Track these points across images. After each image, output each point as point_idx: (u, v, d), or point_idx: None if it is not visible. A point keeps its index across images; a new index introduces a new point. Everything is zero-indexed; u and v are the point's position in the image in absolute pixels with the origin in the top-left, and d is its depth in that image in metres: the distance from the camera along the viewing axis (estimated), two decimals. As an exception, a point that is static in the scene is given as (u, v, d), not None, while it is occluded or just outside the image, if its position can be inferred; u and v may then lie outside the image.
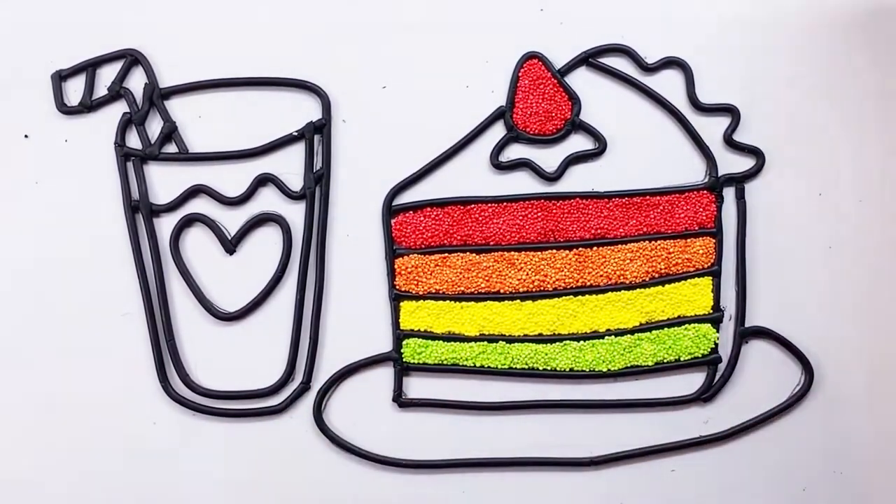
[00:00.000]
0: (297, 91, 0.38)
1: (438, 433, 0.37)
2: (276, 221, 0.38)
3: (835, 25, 0.38)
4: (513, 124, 0.38)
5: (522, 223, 0.38)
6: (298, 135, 0.38)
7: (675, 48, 0.38)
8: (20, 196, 0.38)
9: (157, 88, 0.38)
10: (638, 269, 0.37)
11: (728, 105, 0.38)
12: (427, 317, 0.37)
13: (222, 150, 0.38)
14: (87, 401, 0.38)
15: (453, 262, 0.38)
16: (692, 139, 0.38)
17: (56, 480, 0.38)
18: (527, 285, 0.37)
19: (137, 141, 0.38)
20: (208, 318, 0.38)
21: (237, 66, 0.38)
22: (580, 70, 0.38)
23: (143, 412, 0.38)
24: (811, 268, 0.38)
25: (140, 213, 0.38)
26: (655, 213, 0.38)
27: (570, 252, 0.37)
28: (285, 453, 0.38)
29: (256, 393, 0.37)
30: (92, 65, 0.38)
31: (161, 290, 0.38)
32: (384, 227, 0.38)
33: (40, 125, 0.38)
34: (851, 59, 0.38)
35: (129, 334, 0.38)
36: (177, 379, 0.37)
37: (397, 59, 0.38)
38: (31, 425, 0.38)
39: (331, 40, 0.38)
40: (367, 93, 0.38)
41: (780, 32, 0.38)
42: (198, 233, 0.38)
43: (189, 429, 0.38)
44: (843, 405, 0.37)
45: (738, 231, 0.38)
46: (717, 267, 0.37)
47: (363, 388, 0.38)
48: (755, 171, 0.38)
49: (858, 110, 0.38)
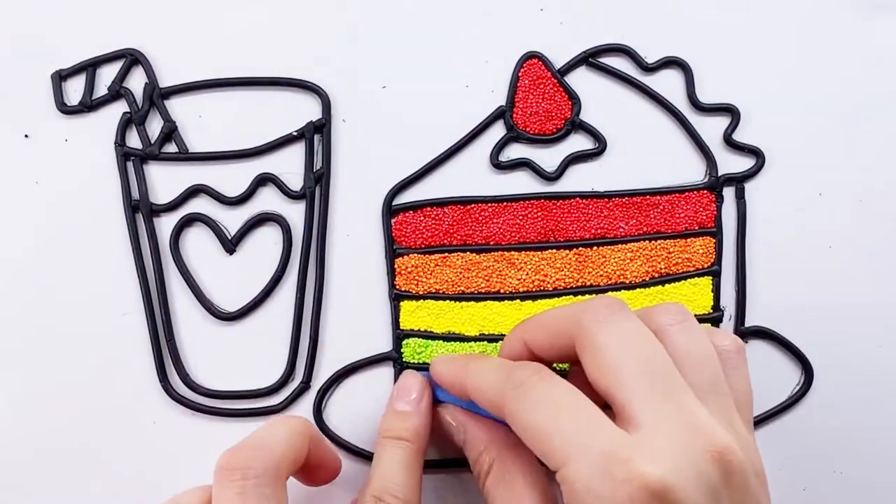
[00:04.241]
0: (297, 91, 0.38)
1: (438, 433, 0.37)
2: (276, 221, 0.38)
3: (835, 25, 0.38)
4: (513, 124, 0.38)
5: (522, 223, 0.38)
6: (298, 135, 0.38)
7: (675, 48, 0.38)
8: (20, 196, 0.38)
9: (157, 88, 0.38)
10: (638, 268, 0.37)
11: (728, 105, 0.38)
12: (427, 316, 0.37)
13: (222, 150, 0.38)
14: (86, 400, 0.38)
15: (453, 261, 0.38)
16: (692, 139, 0.38)
17: (55, 480, 0.38)
18: (527, 285, 0.37)
19: (137, 141, 0.38)
20: (208, 318, 0.38)
21: (237, 66, 0.38)
22: (580, 70, 0.38)
23: (143, 412, 0.38)
24: (811, 268, 0.38)
25: (140, 213, 0.38)
26: (655, 212, 0.38)
27: (570, 252, 0.37)
28: (285, 453, 0.37)
29: (256, 393, 0.37)
30: (92, 65, 0.38)
31: (161, 290, 0.38)
32: (384, 226, 0.38)
33: (40, 125, 0.38)
34: (852, 58, 0.38)
35: (129, 334, 0.38)
36: (177, 379, 0.38)
37: (397, 59, 0.38)
38: (30, 425, 0.38)
39: (331, 40, 0.38)
40: (367, 93, 0.38)
41: (780, 32, 0.38)
42: (198, 233, 0.38)
43: (189, 429, 0.38)
44: (843, 405, 0.37)
45: (738, 231, 0.38)
46: (716, 267, 0.37)
47: (363, 388, 0.38)
48: (755, 171, 0.38)
49: (858, 110, 0.38)
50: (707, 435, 0.25)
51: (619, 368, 0.26)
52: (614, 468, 0.24)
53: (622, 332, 0.27)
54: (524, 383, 0.28)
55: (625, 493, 0.24)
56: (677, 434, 0.25)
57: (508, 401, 0.28)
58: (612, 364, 0.26)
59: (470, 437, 0.32)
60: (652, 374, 0.26)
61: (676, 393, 0.26)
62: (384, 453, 0.33)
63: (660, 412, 0.25)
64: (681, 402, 0.26)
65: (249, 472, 0.28)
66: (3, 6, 0.39)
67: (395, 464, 0.32)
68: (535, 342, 0.31)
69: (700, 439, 0.25)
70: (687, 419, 0.25)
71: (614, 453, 0.24)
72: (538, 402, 0.27)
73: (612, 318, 0.28)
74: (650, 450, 0.24)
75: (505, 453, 0.31)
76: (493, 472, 0.31)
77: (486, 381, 0.29)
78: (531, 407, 0.27)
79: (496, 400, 0.28)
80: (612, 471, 0.24)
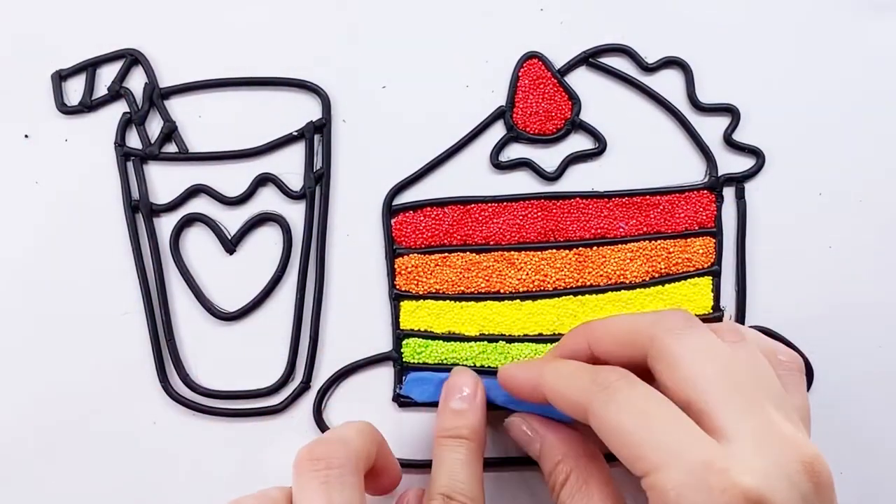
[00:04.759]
0: (297, 91, 0.38)
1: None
2: (276, 221, 0.38)
3: (835, 25, 0.38)
4: (513, 124, 0.38)
5: (522, 223, 0.38)
6: (298, 135, 0.38)
7: (675, 48, 0.38)
8: (20, 196, 0.38)
9: (157, 88, 0.38)
10: (638, 268, 0.37)
11: (728, 105, 0.38)
12: (427, 316, 0.37)
13: (222, 150, 0.38)
14: (86, 400, 0.38)
15: (453, 261, 0.38)
16: (692, 139, 0.38)
17: (55, 480, 0.38)
18: (527, 285, 0.37)
19: (137, 141, 0.38)
20: (208, 318, 0.38)
21: (237, 66, 0.38)
22: (580, 70, 0.38)
23: (143, 412, 0.38)
24: (811, 268, 0.38)
25: (140, 213, 0.38)
26: (655, 212, 0.38)
27: (570, 252, 0.37)
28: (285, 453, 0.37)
29: (256, 393, 0.37)
30: (92, 65, 0.38)
31: (161, 289, 0.38)
32: (384, 226, 0.38)
33: (40, 125, 0.38)
34: (852, 58, 0.38)
35: (129, 334, 0.38)
36: (177, 379, 0.37)
37: (397, 59, 0.38)
38: (30, 425, 0.38)
39: (331, 40, 0.38)
40: (367, 93, 0.38)
41: (780, 32, 0.38)
42: (198, 233, 0.38)
43: (189, 429, 0.38)
44: (843, 405, 0.37)
45: (738, 231, 0.38)
46: (716, 267, 0.37)
47: (363, 388, 0.38)
48: (755, 171, 0.38)
49: (858, 110, 0.38)
50: (796, 446, 0.25)
51: (700, 380, 0.26)
52: (711, 478, 0.24)
53: (701, 343, 0.27)
54: (611, 385, 0.27)
55: (722, 503, 0.24)
56: (768, 445, 0.25)
57: (594, 402, 0.27)
58: (692, 375, 0.26)
59: (547, 448, 0.32)
60: (735, 385, 0.26)
61: (760, 404, 0.26)
62: (445, 452, 0.32)
63: (746, 423, 0.25)
64: (765, 413, 0.26)
65: (333, 461, 0.28)
66: (3, 6, 0.39)
67: (457, 463, 0.32)
68: (600, 347, 0.31)
69: (790, 450, 0.25)
70: (774, 430, 0.25)
71: (711, 463, 0.24)
72: (626, 405, 0.27)
73: (689, 331, 0.28)
74: (745, 460, 0.24)
75: (582, 465, 0.31)
76: (569, 483, 0.30)
77: (569, 382, 0.29)
78: (619, 410, 0.27)
79: (580, 401, 0.28)
80: (708, 480, 0.24)
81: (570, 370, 0.30)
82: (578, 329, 0.32)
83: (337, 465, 0.28)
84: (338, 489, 0.28)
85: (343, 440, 0.30)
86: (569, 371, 0.30)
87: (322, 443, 0.29)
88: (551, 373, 0.30)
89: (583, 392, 0.28)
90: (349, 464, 0.29)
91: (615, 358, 0.30)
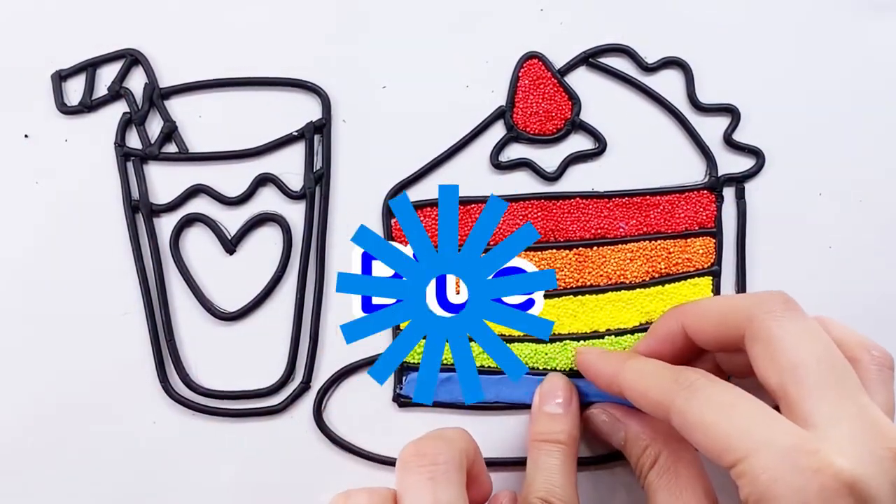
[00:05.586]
0: (297, 91, 0.38)
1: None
2: (276, 221, 0.38)
3: (835, 25, 0.38)
4: (513, 124, 0.38)
5: (522, 223, 0.38)
6: (298, 135, 0.38)
7: (675, 48, 0.38)
8: (20, 196, 0.38)
9: (157, 88, 0.38)
10: (638, 268, 0.37)
11: (728, 105, 0.38)
12: (427, 317, 0.38)
13: (222, 150, 0.38)
14: (86, 400, 0.38)
15: (453, 261, 0.38)
16: (692, 139, 0.38)
17: (55, 480, 0.38)
18: (527, 285, 0.37)
19: (137, 141, 0.38)
20: (208, 318, 0.38)
21: (237, 66, 0.38)
22: (580, 70, 0.38)
23: (143, 412, 0.38)
24: (811, 268, 0.38)
25: (140, 213, 0.38)
26: (655, 212, 0.38)
27: (570, 252, 0.37)
28: (285, 453, 0.37)
29: (256, 393, 0.37)
30: (92, 65, 0.38)
31: (161, 289, 0.38)
32: (384, 226, 0.38)
33: (40, 125, 0.38)
34: (852, 58, 0.38)
35: (129, 334, 0.38)
36: (177, 379, 0.37)
37: (397, 59, 0.38)
38: (29, 425, 0.38)
39: (331, 40, 0.38)
40: (367, 93, 0.38)
41: (780, 32, 0.38)
42: (198, 233, 0.38)
43: (189, 429, 0.38)
44: (843, 405, 0.37)
45: (738, 231, 0.38)
46: (716, 267, 0.37)
47: (363, 388, 0.38)
48: (755, 171, 0.38)
49: (858, 110, 0.38)
50: (886, 433, 0.25)
51: (797, 363, 0.26)
52: (802, 460, 0.24)
53: (800, 327, 0.27)
54: (694, 384, 0.28)
55: (816, 483, 0.24)
56: (858, 431, 0.25)
57: (677, 400, 0.28)
58: (790, 359, 0.27)
59: (632, 434, 0.33)
60: (831, 371, 0.26)
61: (853, 391, 0.26)
62: (541, 456, 0.33)
63: (837, 409, 0.25)
64: (857, 399, 0.26)
65: (439, 457, 0.29)
66: (3, 6, 0.39)
67: (553, 467, 0.32)
68: (696, 328, 0.31)
69: (880, 437, 0.25)
70: (864, 416, 0.26)
71: (801, 446, 0.25)
72: (710, 401, 0.27)
73: (789, 314, 0.28)
74: (837, 444, 0.25)
75: (672, 447, 0.31)
76: (658, 464, 0.31)
77: (650, 381, 0.30)
78: (702, 404, 0.27)
79: (661, 400, 0.29)
80: (800, 462, 0.24)
81: (652, 369, 0.30)
82: (671, 312, 0.33)
83: (443, 462, 0.29)
84: (443, 485, 0.28)
85: (448, 439, 0.30)
86: (650, 370, 0.30)
87: (428, 439, 0.30)
88: (632, 372, 0.31)
89: (665, 392, 0.29)
90: (454, 461, 0.29)
91: (710, 338, 0.30)
